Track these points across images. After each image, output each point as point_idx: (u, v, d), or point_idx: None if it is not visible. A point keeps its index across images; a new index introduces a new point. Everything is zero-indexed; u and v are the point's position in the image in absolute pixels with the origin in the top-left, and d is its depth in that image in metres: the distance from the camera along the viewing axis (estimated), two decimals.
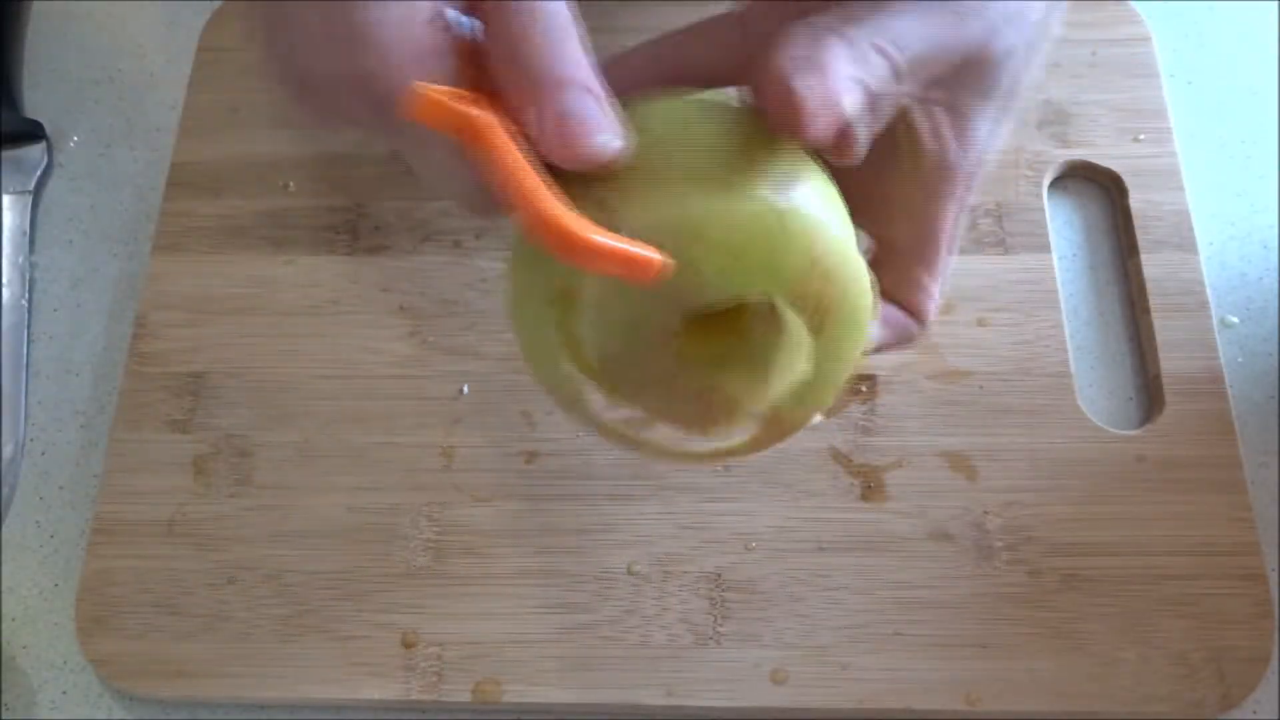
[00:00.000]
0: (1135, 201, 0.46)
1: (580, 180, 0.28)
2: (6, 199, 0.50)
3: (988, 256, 0.45)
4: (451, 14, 0.29)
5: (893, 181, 0.31)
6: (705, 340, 0.31)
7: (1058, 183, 0.48)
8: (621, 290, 0.28)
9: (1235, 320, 0.45)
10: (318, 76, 0.29)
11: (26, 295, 0.48)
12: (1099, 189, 0.48)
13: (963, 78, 0.30)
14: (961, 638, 0.39)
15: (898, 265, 0.33)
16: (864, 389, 0.43)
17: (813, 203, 0.28)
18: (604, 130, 0.27)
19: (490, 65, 0.29)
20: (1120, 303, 0.46)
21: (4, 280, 0.48)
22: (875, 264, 0.31)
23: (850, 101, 0.27)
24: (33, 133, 0.51)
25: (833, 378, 0.31)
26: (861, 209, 0.31)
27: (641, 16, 0.51)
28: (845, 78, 0.27)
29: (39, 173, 0.50)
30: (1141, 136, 0.47)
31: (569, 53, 0.27)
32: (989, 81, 0.31)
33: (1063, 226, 0.47)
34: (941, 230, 0.33)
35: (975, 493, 0.41)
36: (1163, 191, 0.46)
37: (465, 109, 0.26)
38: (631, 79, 0.31)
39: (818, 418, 0.32)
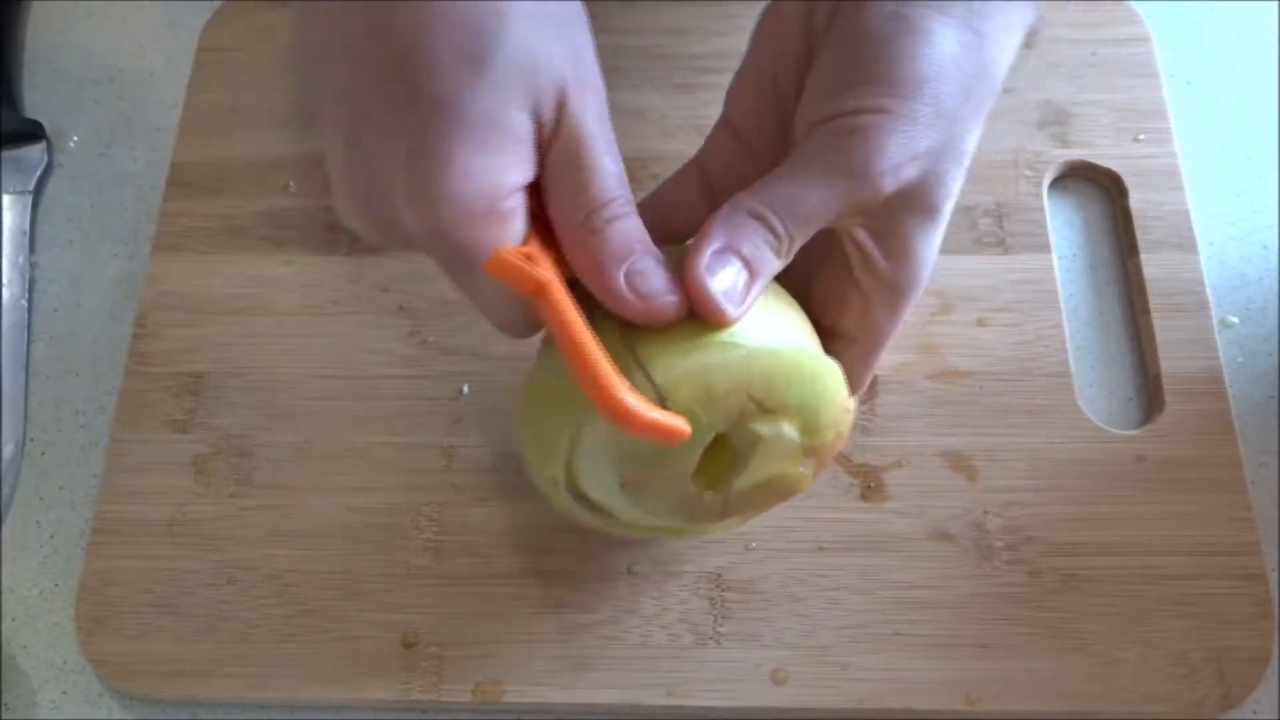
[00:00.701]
0: (1135, 201, 0.46)
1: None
2: (6, 199, 0.50)
3: (988, 256, 0.45)
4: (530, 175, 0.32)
5: (833, 287, 0.36)
6: (710, 465, 0.34)
7: (1058, 183, 0.48)
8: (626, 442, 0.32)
9: (1235, 320, 0.45)
10: (394, 223, 0.31)
11: (26, 295, 0.48)
12: (1099, 189, 0.48)
13: (889, 205, 0.33)
14: (961, 638, 0.39)
15: (837, 351, 0.36)
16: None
17: (757, 330, 0.32)
18: (673, 290, 0.31)
19: (567, 222, 0.32)
20: (1120, 303, 0.46)
21: (4, 280, 0.48)
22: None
23: (736, 285, 0.32)
24: (33, 133, 0.51)
25: (819, 430, 0.34)
26: (811, 305, 0.36)
27: (642, 17, 0.51)
28: (735, 272, 0.32)
29: (39, 173, 0.50)
30: (1141, 136, 0.47)
31: (633, 225, 0.32)
32: (918, 206, 0.33)
33: (1063, 226, 0.47)
34: (879, 328, 0.36)
35: (975, 493, 0.41)
36: (1163, 191, 0.46)
37: (537, 273, 0.30)
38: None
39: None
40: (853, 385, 0.36)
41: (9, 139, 0.50)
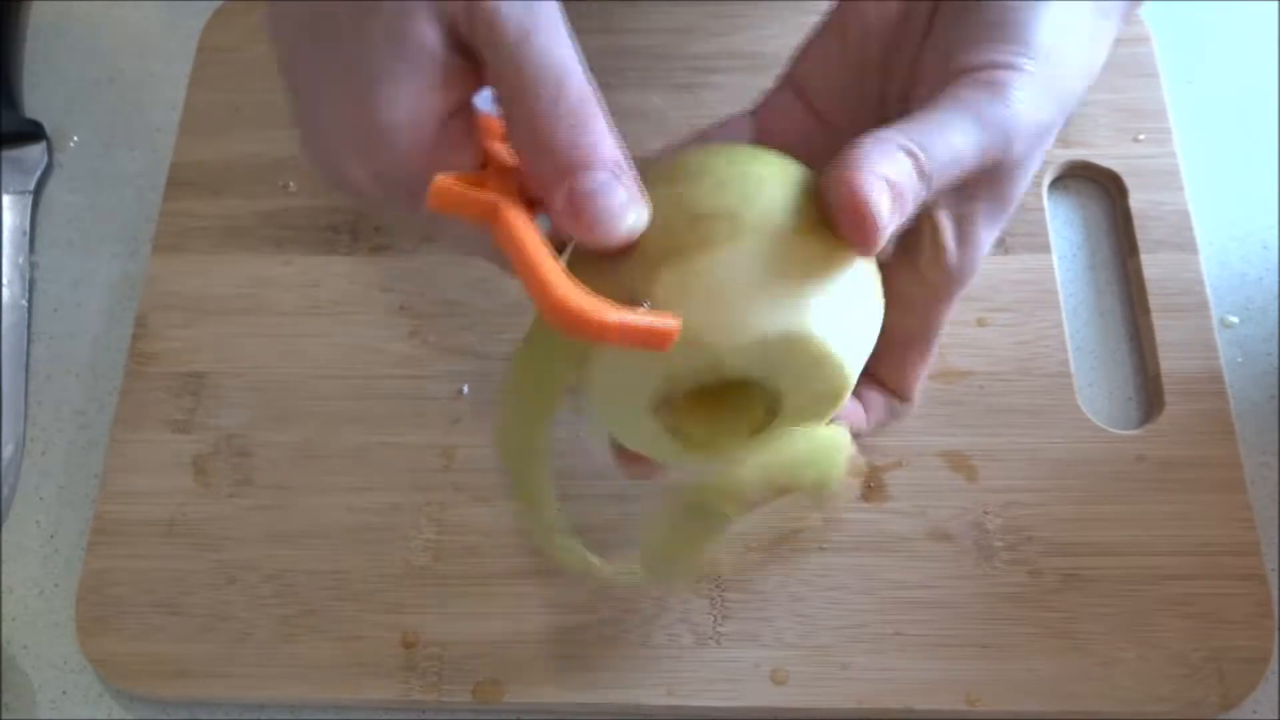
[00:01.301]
0: (1135, 201, 0.46)
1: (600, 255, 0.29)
2: (6, 199, 0.50)
3: (988, 256, 0.45)
4: (477, 100, 0.30)
5: (895, 278, 0.33)
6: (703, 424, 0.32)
7: (1058, 183, 0.48)
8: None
9: (1235, 320, 0.45)
10: (349, 171, 0.31)
11: (26, 295, 0.48)
12: (1099, 189, 0.48)
13: (972, 188, 0.32)
14: (961, 638, 0.39)
15: (892, 352, 0.34)
16: None
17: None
18: (626, 212, 0.28)
19: (512, 143, 0.30)
20: (1120, 303, 0.46)
21: (4, 280, 0.48)
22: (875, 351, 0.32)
23: (894, 209, 0.29)
24: (33, 133, 0.51)
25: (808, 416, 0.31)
26: None
27: (642, 17, 0.51)
28: (896, 189, 0.29)
29: (39, 173, 0.50)
30: (1141, 136, 0.47)
31: (592, 132, 0.28)
32: (996, 192, 0.32)
33: (1063, 226, 0.47)
34: (934, 324, 0.35)
35: (975, 493, 0.41)
36: (1163, 191, 0.46)
37: (480, 196, 0.28)
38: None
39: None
40: (905, 392, 0.35)
41: (9, 139, 0.51)
